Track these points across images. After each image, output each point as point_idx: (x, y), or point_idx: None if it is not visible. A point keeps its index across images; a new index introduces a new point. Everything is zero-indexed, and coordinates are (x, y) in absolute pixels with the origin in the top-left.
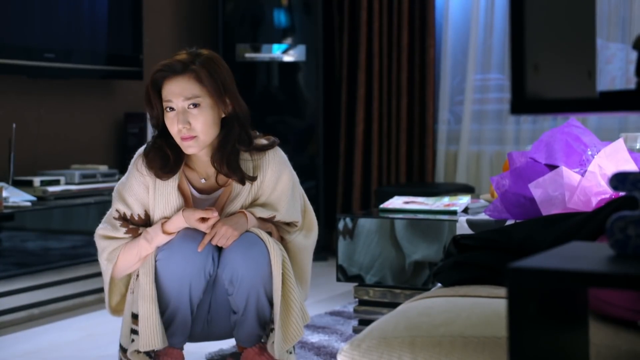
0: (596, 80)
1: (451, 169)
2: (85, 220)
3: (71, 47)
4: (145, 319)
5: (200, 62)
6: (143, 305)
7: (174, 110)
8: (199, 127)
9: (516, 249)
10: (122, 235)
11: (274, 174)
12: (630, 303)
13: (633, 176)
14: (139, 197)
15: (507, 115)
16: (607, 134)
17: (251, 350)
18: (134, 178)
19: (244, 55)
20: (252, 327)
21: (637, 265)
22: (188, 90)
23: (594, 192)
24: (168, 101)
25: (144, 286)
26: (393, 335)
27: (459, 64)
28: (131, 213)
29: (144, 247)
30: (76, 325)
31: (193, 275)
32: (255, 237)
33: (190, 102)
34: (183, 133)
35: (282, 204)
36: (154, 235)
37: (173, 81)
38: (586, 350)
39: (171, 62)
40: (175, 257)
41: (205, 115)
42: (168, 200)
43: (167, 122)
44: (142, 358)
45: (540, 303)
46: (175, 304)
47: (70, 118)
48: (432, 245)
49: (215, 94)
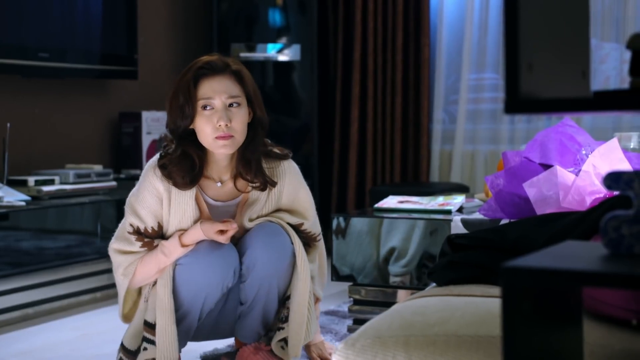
0: (590, 80)
1: (446, 168)
2: (80, 220)
3: (65, 46)
4: (163, 332)
5: (235, 64)
6: (161, 318)
7: (212, 108)
8: (237, 126)
9: (510, 248)
10: (138, 249)
11: (292, 184)
12: (624, 302)
13: (627, 175)
14: (151, 210)
15: (502, 115)
16: (601, 133)
17: (246, 348)
18: (146, 190)
19: (238, 55)
20: (255, 321)
21: (631, 264)
22: (231, 88)
23: (588, 192)
24: (207, 98)
25: (162, 297)
26: (387, 335)
27: (454, 63)
28: (145, 226)
29: (162, 261)
30: (70, 324)
31: (211, 287)
32: (279, 228)
33: (232, 101)
34: (221, 131)
35: (309, 213)
36: (172, 249)
37: (215, 79)
38: (580, 349)
39: (211, 61)
40: (197, 267)
41: (243, 116)
42: (185, 212)
43: (202, 120)
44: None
45: (534, 302)
46: (185, 310)
47: (64, 118)
48: (427, 244)
49: (251, 96)
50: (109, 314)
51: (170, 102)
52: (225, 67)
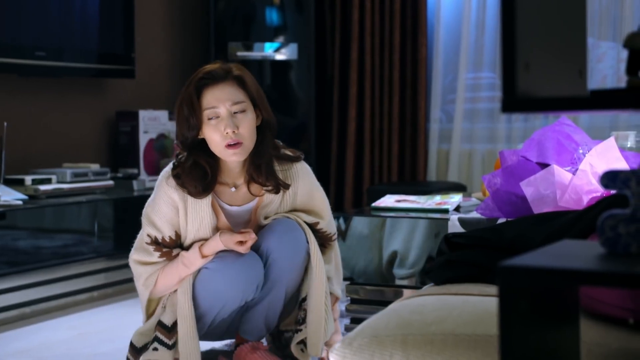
0: (587, 79)
1: (443, 167)
2: (77, 219)
3: (62, 45)
4: (185, 339)
5: (237, 69)
6: (183, 325)
7: (218, 117)
8: (245, 132)
9: (507, 247)
10: (157, 260)
11: (306, 186)
12: (620, 301)
13: (624, 174)
14: (168, 219)
15: (499, 114)
16: (599, 132)
17: (244, 347)
18: (161, 200)
19: (235, 54)
20: (259, 316)
21: (628, 263)
22: (234, 95)
23: (585, 191)
24: (212, 108)
25: (183, 305)
26: (385, 334)
27: (451, 62)
28: (162, 236)
29: (183, 271)
30: (68, 323)
31: (231, 298)
32: (295, 224)
33: (237, 108)
34: (229, 139)
35: (325, 213)
36: (192, 260)
37: (217, 88)
38: (577, 348)
39: (211, 70)
40: (221, 276)
41: (250, 121)
42: (202, 219)
43: (209, 130)
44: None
45: (531, 301)
46: (199, 314)
47: (61, 116)
48: (431, 247)
49: (256, 100)
50: (106, 313)
51: (177, 114)
52: (227, 74)
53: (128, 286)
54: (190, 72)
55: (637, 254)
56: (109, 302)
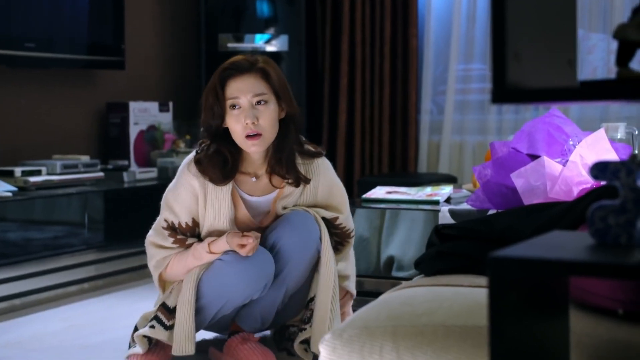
0: (577, 70)
1: (434, 159)
2: (67, 211)
3: (52, 36)
4: (182, 325)
5: (263, 61)
6: (181, 311)
7: (240, 107)
8: (265, 123)
9: (498, 239)
10: (170, 245)
11: (327, 181)
12: (610, 292)
13: (613, 165)
14: (186, 205)
15: (490, 106)
16: (589, 124)
17: (234, 339)
18: (182, 187)
19: (226, 45)
20: (256, 307)
21: (617, 254)
22: (257, 87)
23: (575, 182)
24: (234, 98)
25: (185, 291)
26: (375, 325)
27: (442, 54)
28: (179, 221)
29: (192, 262)
30: (58, 315)
31: (236, 293)
32: (310, 219)
33: (258, 99)
34: (249, 129)
35: (344, 207)
36: (201, 254)
37: (240, 79)
38: (567, 339)
39: (237, 61)
40: (231, 271)
41: (271, 112)
42: (220, 207)
43: (231, 120)
44: (143, 342)
45: (521, 292)
46: (201, 305)
47: (51, 108)
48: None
49: (278, 93)
50: (97, 305)
51: (203, 103)
52: (251, 67)
53: (119, 278)
54: (181, 64)
55: (626, 245)
56: (99, 294)
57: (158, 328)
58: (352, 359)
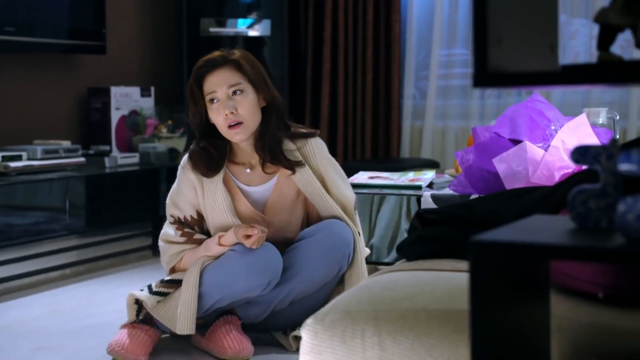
0: (558, 54)
1: (416, 144)
2: (48, 196)
3: (32, 20)
4: (186, 304)
5: (237, 55)
6: (186, 291)
7: (218, 100)
8: (244, 111)
9: (479, 223)
10: (179, 239)
11: (323, 158)
12: (590, 275)
13: (594, 149)
14: (188, 199)
15: (472, 91)
16: (571, 109)
17: (218, 321)
18: (182, 182)
19: (208, 30)
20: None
21: (598, 237)
22: (230, 78)
23: (557, 167)
24: (212, 93)
25: (190, 273)
26: (357, 309)
27: (424, 39)
28: (184, 215)
29: (203, 254)
30: (40, 301)
31: (234, 287)
32: (343, 241)
33: (234, 89)
34: (229, 119)
35: (348, 184)
36: (212, 246)
37: (215, 73)
38: (547, 322)
39: (210, 57)
40: (236, 262)
41: (249, 101)
42: (215, 197)
43: (213, 114)
44: (131, 310)
45: (502, 276)
46: (199, 293)
47: (32, 93)
48: (397, 220)
49: (255, 82)
50: (78, 290)
51: (187, 101)
52: (224, 60)
53: (100, 263)
54: (163, 49)
55: (607, 229)
56: (81, 280)
57: (145, 291)
58: (334, 343)
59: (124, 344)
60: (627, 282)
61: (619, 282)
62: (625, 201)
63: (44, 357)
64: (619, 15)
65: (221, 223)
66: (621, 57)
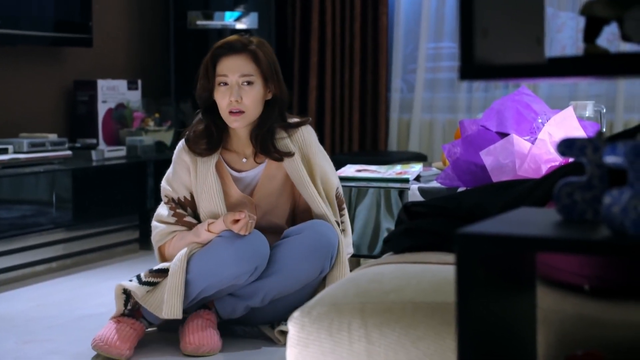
0: (545, 46)
1: (404, 137)
2: (35, 190)
3: (18, 13)
4: (173, 289)
5: (256, 44)
6: (173, 277)
7: (227, 85)
8: (248, 102)
9: (466, 216)
10: (170, 219)
11: (312, 146)
12: (576, 268)
13: (580, 142)
14: (182, 181)
15: (460, 84)
16: (558, 102)
17: (193, 314)
18: (177, 164)
19: (195, 23)
20: (237, 305)
21: (584, 229)
22: (245, 67)
23: (544, 160)
24: (223, 76)
25: (177, 259)
26: (343, 302)
27: (412, 32)
28: (177, 196)
29: (191, 240)
30: (26, 295)
31: (221, 273)
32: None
33: (245, 80)
34: (233, 106)
35: (334, 173)
36: (201, 232)
37: (231, 58)
38: (533, 314)
39: (231, 41)
40: (224, 247)
41: (255, 93)
42: (206, 179)
43: (218, 95)
44: (119, 300)
45: (488, 268)
46: (186, 280)
47: (18, 86)
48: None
49: (266, 76)
50: (65, 284)
51: (198, 75)
52: (243, 48)
53: (87, 257)
54: (149, 42)
55: (592, 221)
56: (68, 273)
57: (134, 281)
58: (321, 336)
59: (108, 339)
60: (612, 274)
61: (604, 274)
62: (611, 193)
63: (30, 351)
64: (604, 8)
65: (209, 208)
66: (607, 50)
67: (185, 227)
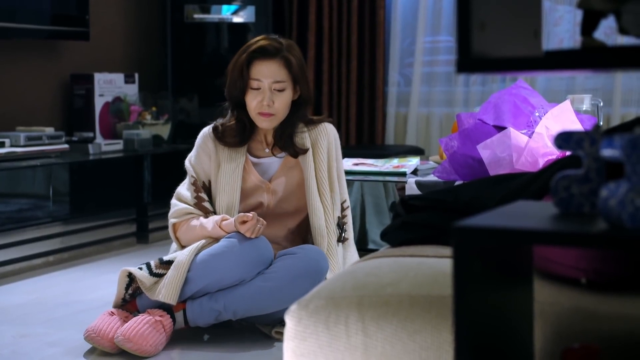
0: (542, 40)
1: (401, 131)
2: (32, 183)
3: (14, 6)
4: (172, 280)
5: (286, 48)
6: (173, 271)
7: (260, 89)
8: (279, 106)
9: (463, 209)
10: (191, 199)
11: (335, 139)
12: (573, 261)
13: (577, 135)
14: (203, 167)
15: (457, 78)
16: (555, 95)
17: (150, 316)
18: (199, 147)
19: (192, 16)
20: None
21: (581, 222)
22: (278, 74)
23: (541, 153)
24: (257, 80)
25: (184, 253)
26: (341, 295)
27: (409, 26)
28: (202, 180)
29: (201, 231)
30: (23, 288)
31: (222, 273)
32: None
33: (278, 87)
34: (264, 109)
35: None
36: (213, 228)
37: (265, 63)
38: (530, 307)
39: (264, 46)
40: (229, 249)
41: (286, 98)
42: (228, 169)
43: (250, 96)
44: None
45: (485, 262)
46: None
47: (14, 79)
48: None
49: (297, 79)
50: (62, 277)
51: (229, 74)
52: (277, 53)
53: (84, 250)
54: (146, 35)
55: (589, 214)
56: (64, 267)
57: (144, 270)
58: (318, 329)
59: (100, 330)
60: (609, 267)
61: (601, 268)
62: (608, 186)
63: (27, 344)
64: (602, 1)
65: (224, 197)
66: (604, 43)
67: (202, 212)
